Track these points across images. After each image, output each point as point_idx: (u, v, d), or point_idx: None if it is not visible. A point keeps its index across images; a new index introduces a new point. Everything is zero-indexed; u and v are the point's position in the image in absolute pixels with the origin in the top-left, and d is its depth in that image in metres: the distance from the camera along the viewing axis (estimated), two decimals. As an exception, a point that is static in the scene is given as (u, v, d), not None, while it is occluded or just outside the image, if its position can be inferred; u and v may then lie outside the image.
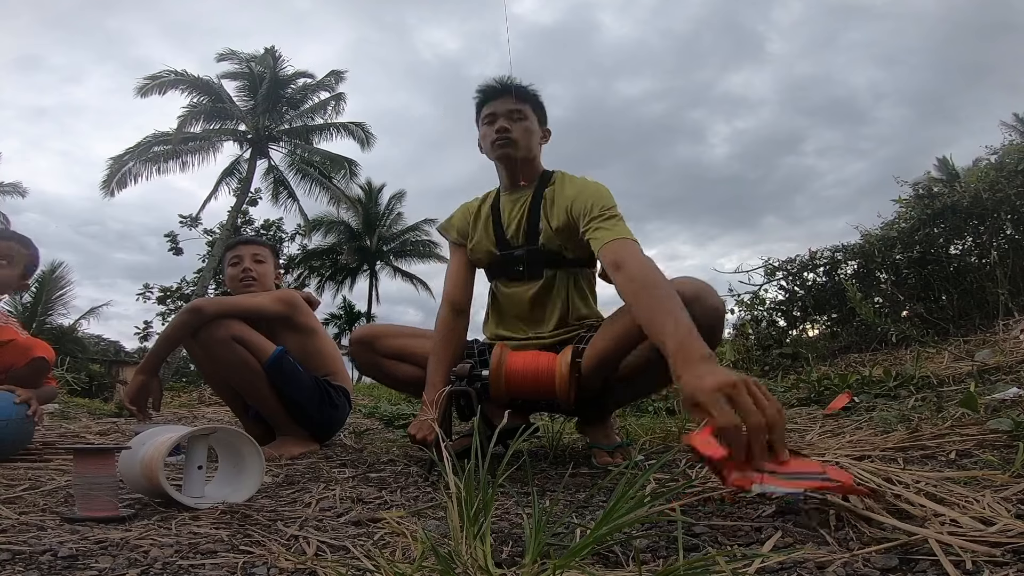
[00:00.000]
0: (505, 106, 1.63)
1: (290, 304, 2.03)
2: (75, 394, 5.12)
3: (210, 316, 1.84)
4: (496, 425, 0.99)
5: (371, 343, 1.71)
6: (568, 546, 0.71)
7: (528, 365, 1.44)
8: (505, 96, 1.65)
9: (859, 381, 2.59)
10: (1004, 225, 4.46)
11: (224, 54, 18.25)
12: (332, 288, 27.31)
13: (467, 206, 1.79)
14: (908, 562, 0.69)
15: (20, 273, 1.93)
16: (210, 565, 0.76)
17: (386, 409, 3.45)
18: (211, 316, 1.84)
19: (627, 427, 2.11)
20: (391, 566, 0.71)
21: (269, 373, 1.88)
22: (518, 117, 1.63)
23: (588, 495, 1.16)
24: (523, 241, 1.64)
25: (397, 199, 27.51)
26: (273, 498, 1.21)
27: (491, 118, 1.65)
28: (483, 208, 1.74)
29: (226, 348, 1.84)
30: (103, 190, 17.02)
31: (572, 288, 1.64)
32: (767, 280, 5.20)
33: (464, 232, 1.76)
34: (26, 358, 1.82)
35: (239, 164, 18.44)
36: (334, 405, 2.03)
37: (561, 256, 1.61)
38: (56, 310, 18.25)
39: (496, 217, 1.69)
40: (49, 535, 0.89)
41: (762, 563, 0.69)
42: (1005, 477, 0.95)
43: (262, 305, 1.98)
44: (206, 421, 3.24)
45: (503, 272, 1.68)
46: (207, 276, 16.06)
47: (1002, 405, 1.67)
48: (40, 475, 1.42)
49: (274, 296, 2.04)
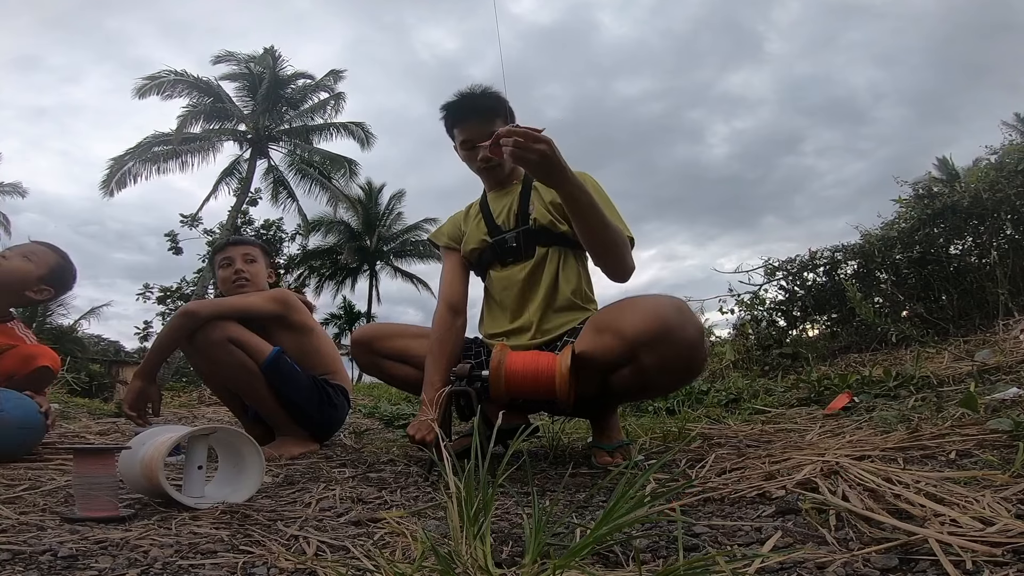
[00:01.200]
0: (480, 131, 1.61)
1: (284, 303, 2.03)
2: (75, 394, 5.11)
3: (204, 318, 1.84)
4: (496, 425, 0.99)
5: (371, 344, 1.72)
6: (568, 546, 0.71)
7: (528, 365, 1.44)
8: (472, 119, 1.64)
9: (859, 381, 2.59)
10: (1004, 225, 4.46)
11: (221, 56, 18.25)
12: (332, 288, 27.35)
13: (455, 215, 1.85)
14: (908, 562, 0.69)
15: (40, 275, 1.90)
16: (210, 565, 0.76)
17: (386, 409, 3.45)
18: (205, 318, 1.84)
19: (627, 427, 2.11)
20: (391, 566, 0.71)
21: (266, 374, 1.88)
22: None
23: (588, 495, 1.16)
24: (514, 224, 1.68)
25: (397, 199, 27.54)
26: (273, 498, 1.21)
27: (468, 144, 1.65)
28: (471, 210, 1.80)
29: (222, 350, 1.84)
30: (102, 190, 17.04)
31: (562, 265, 1.65)
32: (767, 280, 5.19)
33: (455, 236, 1.80)
34: (29, 367, 1.81)
35: (239, 164, 18.46)
36: (333, 405, 2.03)
37: (552, 232, 1.63)
38: (56, 310, 18.26)
39: (486, 211, 1.73)
40: (49, 535, 0.89)
41: (762, 563, 0.69)
42: (1005, 477, 0.95)
43: (256, 305, 1.97)
44: (206, 421, 3.24)
45: (496, 257, 1.70)
46: (207, 276, 16.06)
47: (1002, 405, 1.67)
48: (40, 475, 1.42)
49: (267, 295, 2.03)
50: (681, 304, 1.31)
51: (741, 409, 2.63)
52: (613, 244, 1.43)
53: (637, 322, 1.30)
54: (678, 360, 1.30)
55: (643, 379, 1.36)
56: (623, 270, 1.48)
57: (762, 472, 1.17)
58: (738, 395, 3.03)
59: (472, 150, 1.66)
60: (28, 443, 1.69)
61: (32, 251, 1.91)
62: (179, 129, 16.97)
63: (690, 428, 1.99)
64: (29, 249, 1.91)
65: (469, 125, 1.65)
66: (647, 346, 1.29)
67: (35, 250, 1.91)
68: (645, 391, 1.50)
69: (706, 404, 2.91)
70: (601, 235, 1.41)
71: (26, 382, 1.80)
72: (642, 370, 1.33)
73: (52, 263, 1.93)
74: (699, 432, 1.88)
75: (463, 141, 1.67)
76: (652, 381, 1.37)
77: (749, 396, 2.98)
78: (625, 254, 1.46)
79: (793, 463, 1.19)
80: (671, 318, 1.27)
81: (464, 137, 1.67)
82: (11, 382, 1.78)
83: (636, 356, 1.32)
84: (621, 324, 1.34)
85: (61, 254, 1.96)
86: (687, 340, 1.28)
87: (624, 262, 1.47)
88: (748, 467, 1.25)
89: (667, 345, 1.27)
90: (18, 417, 1.62)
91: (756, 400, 2.82)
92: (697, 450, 1.60)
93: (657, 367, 1.31)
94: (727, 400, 2.96)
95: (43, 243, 1.96)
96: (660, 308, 1.29)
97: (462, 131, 1.67)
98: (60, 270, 1.96)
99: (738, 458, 1.37)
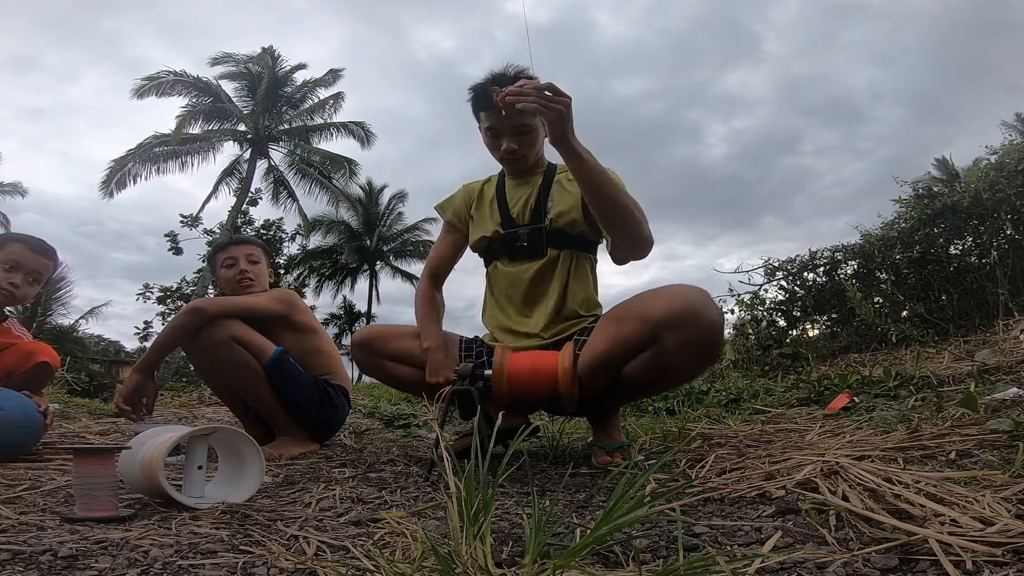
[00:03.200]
0: (508, 122, 1.58)
1: (289, 303, 2.04)
2: (75, 394, 5.11)
3: (211, 316, 1.84)
4: (496, 426, 0.99)
5: (372, 346, 1.71)
6: (568, 546, 0.71)
7: (530, 365, 1.44)
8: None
9: (859, 381, 2.59)
10: (1004, 225, 4.46)
11: (219, 58, 18.24)
12: (332, 288, 27.36)
13: (469, 187, 1.82)
14: (908, 562, 0.69)
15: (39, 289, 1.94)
16: (210, 565, 0.76)
17: (386, 409, 3.45)
18: (212, 316, 1.84)
19: (627, 427, 2.11)
20: (391, 566, 0.71)
21: (269, 374, 1.88)
22: (523, 131, 1.59)
23: (588, 495, 1.16)
24: (529, 220, 1.65)
25: (397, 199, 27.54)
26: (273, 498, 1.21)
27: (494, 132, 1.62)
28: (487, 190, 1.76)
29: (226, 349, 1.84)
30: (102, 190, 17.04)
31: (573, 269, 1.63)
32: (767, 280, 5.20)
33: (461, 216, 1.79)
34: (28, 363, 1.81)
35: (239, 164, 18.46)
36: (334, 405, 2.03)
37: (567, 235, 1.61)
38: (56, 310, 18.25)
39: (501, 198, 1.70)
40: (49, 535, 0.89)
41: (762, 563, 0.69)
42: (1005, 477, 0.95)
43: (262, 305, 1.98)
44: (206, 421, 3.24)
45: (505, 250, 1.68)
46: (207, 276, 16.06)
47: (1002, 405, 1.67)
48: (40, 475, 1.42)
49: (272, 295, 2.04)
50: (704, 291, 1.34)
51: (741, 409, 2.63)
52: (625, 207, 1.42)
53: (663, 305, 1.32)
54: (700, 341, 1.31)
55: (663, 362, 1.36)
56: (642, 238, 1.46)
57: (762, 472, 1.17)
58: (738, 395, 3.03)
59: (497, 137, 1.61)
60: (27, 443, 1.69)
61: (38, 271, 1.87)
62: (178, 129, 16.96)
63: (690, 428, 1.99)
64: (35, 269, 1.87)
65: (497, 111, 1.57)
66: (671, 327, 1.30)
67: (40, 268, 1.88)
68: (659, 379, 1.47)
69: (706, 404, 2.92)
70: (613, 197, 1.40)
71: (25, 379, 1.80)
72: (664, 351, 1.33)
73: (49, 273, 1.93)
74: (699, 432, 1.88)
75: (488, 128, 1.62)
76: (672, 363, 1.36)
77: (749, 396, 2.98)
78: (641, 220, 1.45)
79: (793, 463, 1.19)
80: (695, 300, 1.31)
81: (489, 124, 1.61)
82: (10, 379, 1.78)
83: (659, 338, 1.33)
84: (644, 309, 1.36)
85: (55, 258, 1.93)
86: (710, 322, 1.31)
87: (641, 228, 1.45)
88: (748, 467, 1.25)
89: (691, 326, 1.29)
90: (17, 416, 1.61)
91: (756, 400, 2.82)
92: (697, 450, 1.60)
93: (679, 348, 1.31)
94: (727, 400, 2.96)
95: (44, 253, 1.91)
96: (684, 292, 1.33)
97: (488, 116, 1.60)
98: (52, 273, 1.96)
99: (738, 458, 1.37)
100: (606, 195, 1.40)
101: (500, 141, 1.60)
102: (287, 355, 1.93)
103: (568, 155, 1.36)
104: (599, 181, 1.39)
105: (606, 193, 1.40)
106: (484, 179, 1.81)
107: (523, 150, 1.61)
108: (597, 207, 1.44)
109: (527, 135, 1.60)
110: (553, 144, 1.36)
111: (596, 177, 1.38)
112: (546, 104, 1.29)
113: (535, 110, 1.30)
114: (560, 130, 1.31)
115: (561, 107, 1.29)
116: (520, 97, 1.29)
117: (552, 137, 1.34)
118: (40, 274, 1.88)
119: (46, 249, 1.91)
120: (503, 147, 1.60)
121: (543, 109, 1.29)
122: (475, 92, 1.62)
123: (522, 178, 1.70)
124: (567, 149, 1.34)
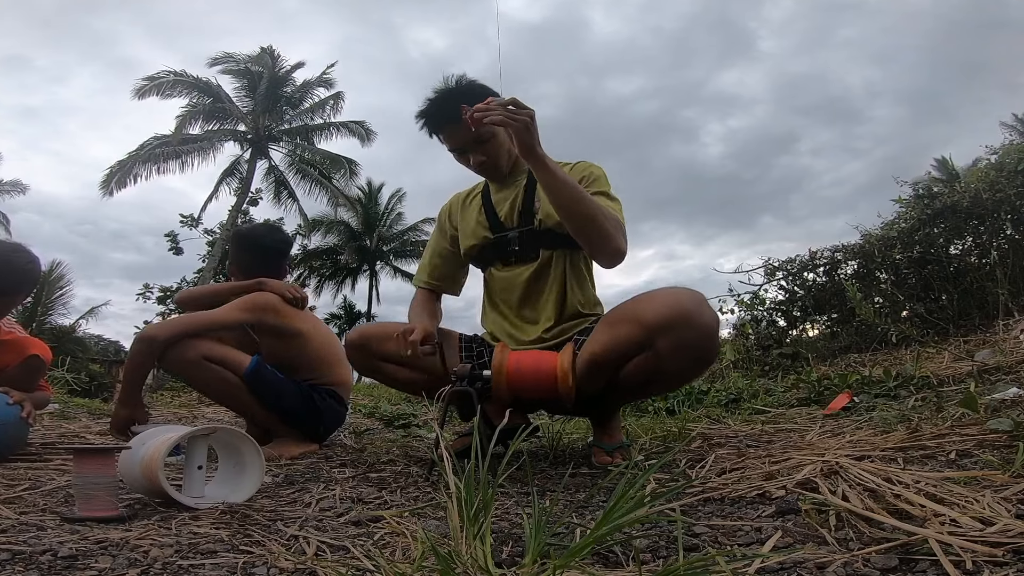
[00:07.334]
0: (465, 138, 1.56)
1: (258, 309, 1.93)
2: (75, 394, 5.11)
3: (164, 342, 1.79)
4: (497, 425, 0.99)
5: (365, 347, 1.68)
6: (568, 546, 0.71)
7: (530, 365, 1.44)
8: (454, 125, 1.55)
9: (859, 381, 2.59)
10: (1004, 225, 4.46)
11: (218, 58, 18.20)
12: (332, 288, 27.33)
13: (453, 199, 1.83)
14: (908, 562, 0.69)
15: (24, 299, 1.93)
16: (210, 565, 0.76)
17: (386, 409, 3.45)
18: (164, 342, 1.79)
19: (627, 427, 2.11)
20: (391, 566, 0.71)
21: (250, 384, 1.85)
22: (484, 139, 1.57)
23: (588, 495, 1.16)
24: (517, 223, 1.64)
25: (397, 199, 27.54)
26: (273, 498, 1.21)
27: (458, 150, 1.62)
28: (473, 198, 1.76)
29: (198, 369, 1.80)
30: (102, 190, 17.02)
31: (569, 269, 1.63)
32: (767, 280, 5.20)
33: (443, 227, 1.81)
34: (20, 357, 1.81)
35: (239, 164, 18.44)
36: (319, 410, 1.96)
37: (557, 234, 1.60)
38: (56, 310, 18.23)
39: (487, 203, 1.70)
40: (49, 535, 0.89)
41: (762, 563, 0.69)
42: (1005, 477, 0.95)
43: (220, 318, 1.89)
44: (206, 421, 3.24)
45: (497, 255, 1.68)
46: (207, 276, 16.05)
47: (1002, 405, 1.68)
48: (40, 475, 1.42)
49: (237, 305, 1.93)
50: (699, 294, 1.34)
51: (741, 409, 2.63)
52: (592, 218, 1.41)
53: (657, 308, 1.33)
54: (694, 345, 1.32)
55: (656, 365, 1.36)
56: (608, 249, 1.45)
57: (762, 472, 1.17)
58: (738, 395, 3.03)
59: (463, 154, 1.61)
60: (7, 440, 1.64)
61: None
62: (178, 129, 16.94)
63: (690, 428, 1.99)
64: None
65: (451, 131, 1.58)
66: (665, 330, 1.30)
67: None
68: (655, 381, 1.47)
69: (706, 404, 2.92)
70: (578, 206, 1.40)
71: (18, 372, 1.79)
72: (657, 355, 1.34)
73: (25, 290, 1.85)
74: (699, 432, 1.88)
75: (451, 149, 1.62)
76: (665, 367, 1.36)
77: (749, 396, 2.98)
78: (611, 231, 1.43)
79: (793, 463, 1.19)
80: (689, 305, 1.31)
81: (451, 146, 1.61)
82: (3, 375, 1.77)
83: (653, 342, 1.33)
84: (639, 312, 1.36)
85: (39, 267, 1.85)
86: (704, 326, 1.31)
87: (607, 239, 1.43)
88: (748, 467, 1.25)
89: (685, 329, 1.29)
90: None
91: (756, 400, 2.83)
92: (697, 450, 1.60)
93: (673, 351, 1.32)
94: (727, 400, 2.96)
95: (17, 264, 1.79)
96: (679, 296, 1.33)
97: (447, 139, 1.61)
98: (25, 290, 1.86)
99: (738, 458, 1.37)
100: (572, 205, 1.41)
101: (467, 157, 1.61)
102: (264, 365, 1.87)
103: (535, 165, 1.38)
104: (567, 193, 1.40)
105: (572, 202, 1.41)
106: (470, 188, 1.82)
107: (492, 159, 1.60)
108: (563, 215, 1.44)
109: (489, 142, 1.58)
110: (521, 156, 1.38)
111: (565, 189, 1.39)
112: (512, 117, 1.32)
113: (501, 123, 1.34)
114: (527, 141, 1.34)
115: (526, 118, 1.33)
116: (487, 113, 1.32)
117: (520, 149, 1.36)
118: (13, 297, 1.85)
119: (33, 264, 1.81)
120: (472, 162, 1.61)
121: (510, 122, 1.32)
122: (425, 118, 1.61)
123: (504, 182, 1.69)
124: (535, 159, 1.37)
